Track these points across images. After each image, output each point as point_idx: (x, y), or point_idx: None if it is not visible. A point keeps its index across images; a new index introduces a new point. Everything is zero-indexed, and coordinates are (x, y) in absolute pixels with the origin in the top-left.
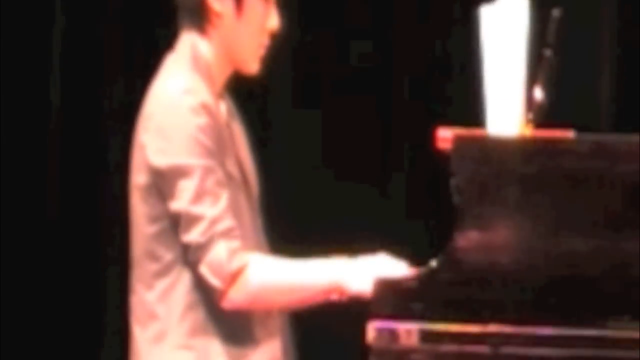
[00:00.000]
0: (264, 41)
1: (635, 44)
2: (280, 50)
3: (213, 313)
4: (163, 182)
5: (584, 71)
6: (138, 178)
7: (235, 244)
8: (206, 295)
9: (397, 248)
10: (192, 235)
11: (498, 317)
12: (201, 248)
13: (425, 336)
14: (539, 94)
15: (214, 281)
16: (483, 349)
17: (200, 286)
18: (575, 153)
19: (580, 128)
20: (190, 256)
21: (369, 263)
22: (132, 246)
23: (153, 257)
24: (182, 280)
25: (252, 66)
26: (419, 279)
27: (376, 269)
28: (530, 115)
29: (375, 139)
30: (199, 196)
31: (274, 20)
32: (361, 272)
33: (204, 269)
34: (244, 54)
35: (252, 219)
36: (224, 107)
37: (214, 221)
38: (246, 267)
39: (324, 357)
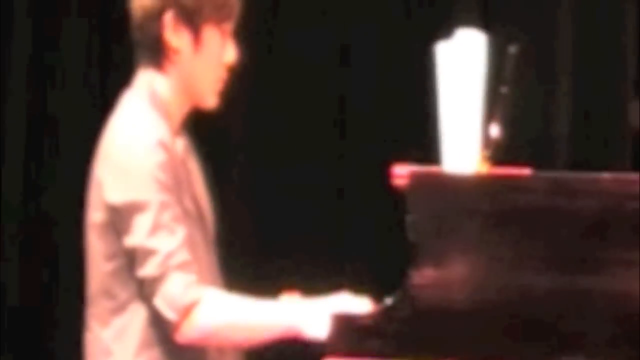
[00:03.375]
0: (222, 75)
1: (588, 80)
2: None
3: (167, 352)
4: (119, 219)
5: (540, 108)
6: (94, 215)
7: (191, 277)
8: (161, 334)
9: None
10: (147, 269)
11: (454, 354)
12: (156, 281)
13: None
14: (495, 131)
15: (168, 313)
16: None
17: (155, 324)
18: (531, 190)
19: (536, 165)
20: (145, 290)
21: (328, 306)
22: (88, 283)
23: (109, 294)
24: (138, 318)
25: (211, 100)
26: (374, 316)
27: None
28: (487, 153)
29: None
30: (154, 230)
31: (231, 54)
32: (319, 316)
33: (158, 302)
34: (202, 88)
35: (207, 255)
36: (180, 144)
37: (170, 255)
38: (200, 301)
39: None
